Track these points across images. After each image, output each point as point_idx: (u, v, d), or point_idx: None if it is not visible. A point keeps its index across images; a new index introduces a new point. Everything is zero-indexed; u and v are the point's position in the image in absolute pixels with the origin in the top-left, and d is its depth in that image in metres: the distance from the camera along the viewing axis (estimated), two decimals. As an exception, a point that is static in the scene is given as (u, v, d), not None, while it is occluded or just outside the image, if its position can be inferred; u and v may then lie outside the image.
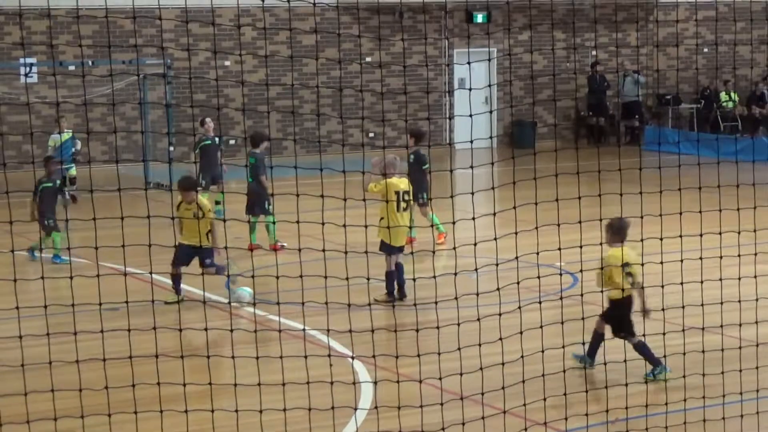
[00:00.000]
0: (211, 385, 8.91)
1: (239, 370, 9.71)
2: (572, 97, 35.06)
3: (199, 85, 31.59)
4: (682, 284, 10.06)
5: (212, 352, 9.94)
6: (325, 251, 9.26)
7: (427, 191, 18.87)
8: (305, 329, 12.59)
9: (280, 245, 18.59)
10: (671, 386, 9.67)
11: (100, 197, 8.79)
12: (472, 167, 9.30)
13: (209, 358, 9.36)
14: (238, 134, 31.20)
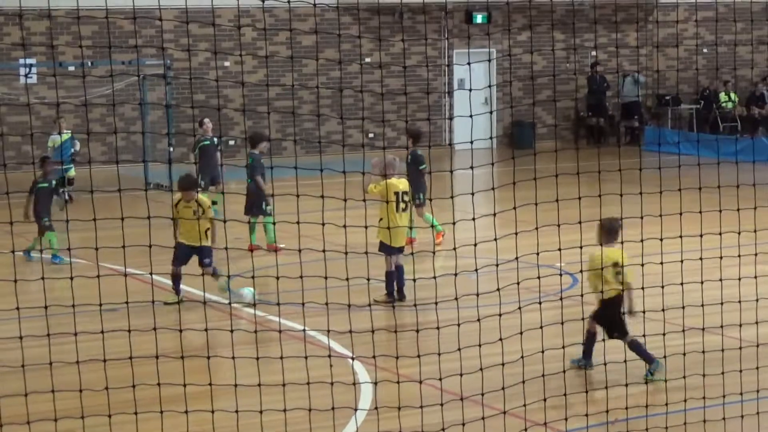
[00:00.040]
0: (211, 385, 8.91)
1: (239, 370, 9.70)
2: (572, 97, 35.06)
3: (198, 85, 31.59)
4: (682, 285, 10.06)
5: (212, 352, 9.94)
6: (325, 252, 9.26)
7: (424, 192, 18.87)
8: (305, 330, 12.58)
9: (278, 246, 18.59)
10: (671, 387, 9.66)
11: (99, 198, 8.78)
12: (472, 168, 9.29)
13: (209, 358, 9.36)
14: (237, 135, 31.20)
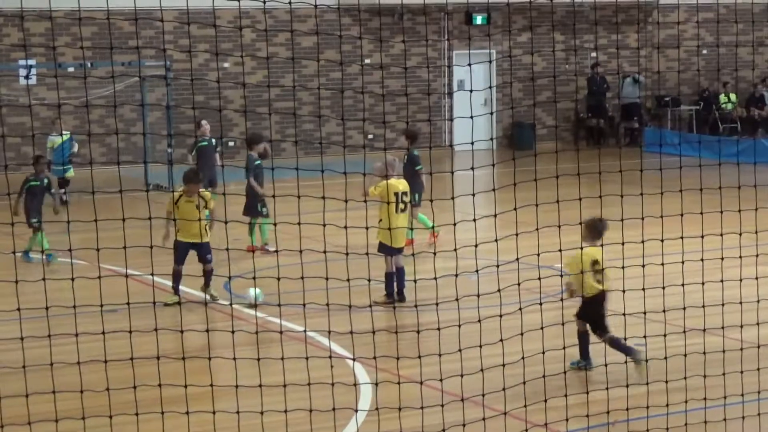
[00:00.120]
0: (212, 386, 8.91)
1: (240, 371, 9.69)
2: (572, 98, 35.04)
3: (198, 86, 31.57)
4: (683, 286, 10.06)
5: (213, 353, 9.94)
6: (326, 253, 9.26)
7: (420, 192, 18.84)
8: (306, 331, 12.58)
9: (264, 248, 18.61)
10: (672, 388, 9.66)
11: (98, 199, 8.78)
12: (473, 168, 9.27)
13: (210, 359, 9.35)
14: (237, 136, 31.19)
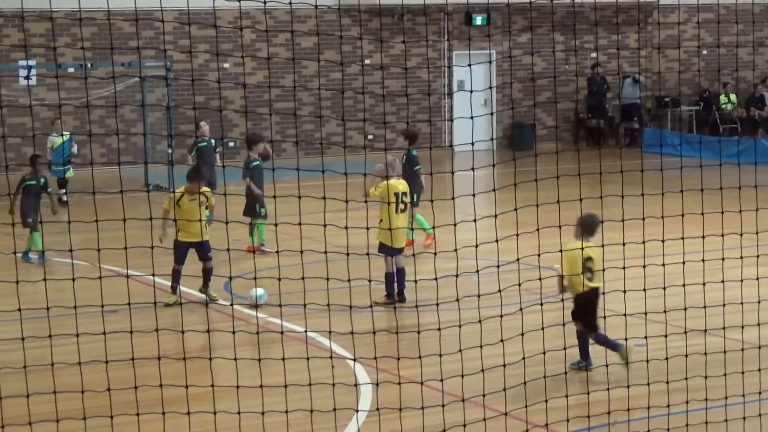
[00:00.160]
0: (213, 387, 8.91)
1: (241, 372, 9.69)
2: (572, 99, 35.02)
3: (198, 87, 31.56)
4: (684, 286, 10.06)
5: (214, 354, 9.94)
6: (326, 253, 9.26)
7: (418, 193, 18.81)
8: (306, 331, 12.58)
9: (260, 249, 18.61)
10: (673, 388, 9.66)
11: (99, 199, 8.78)
12: (473, 169, 9.27)
13: (211, 360, 9.35)
14: (237, 136, 31.18)
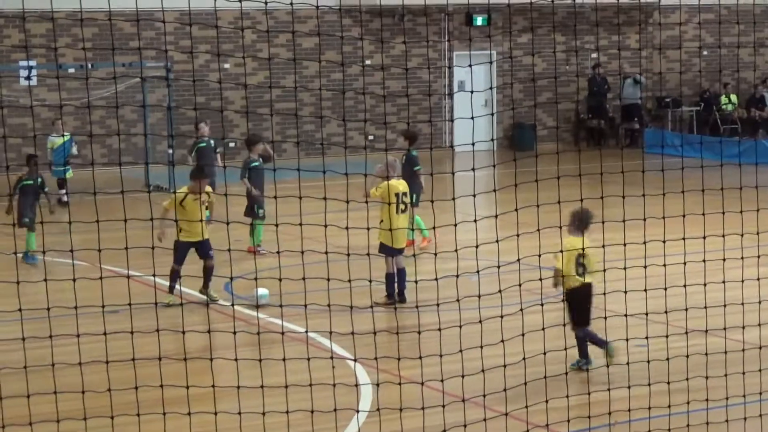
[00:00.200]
0: (214, 387, 8.90)
1: (242, 372, 9.69)
2: (572, 99, 35.01)
3: (198, 87, 31.56)
4: (685, 287, 10.05)
5: (214, 354, 9.93)
6: (327, 253, 9.25)
7: (418, 193, 18.80)
8: (307, 332, 12.58)
9: (257, 250, 18.61)
10: (674, 389, 9.66)
11: (99, 200, 8.78)
12: (473, 169, 9.27)
13: (212, 360, 9.35)
14: (238, 137, 31.19)
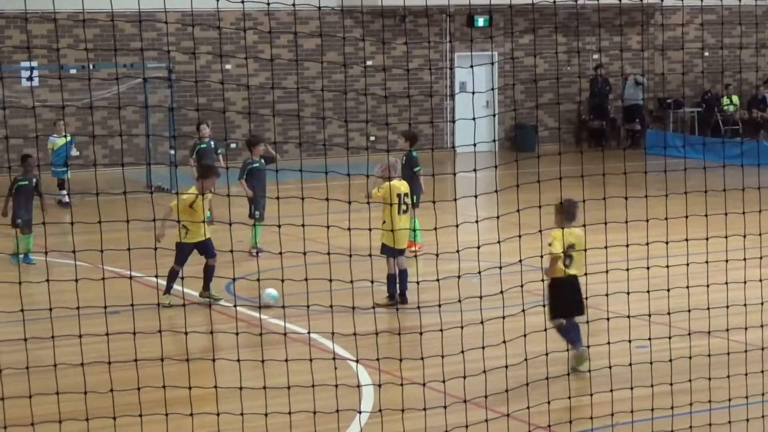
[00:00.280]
0: (216, 388, 8.90)
1: (244, 373, 9.69)
2: (574, 100, 35.02)
3: (200, 88, 31.58)
4: (687, 288, 10.05)
5: (217, 355, 9.94)
6: (329, 254, 9.25)
7: (417, 194, 18.78)
8: (309, 333, 12.58)
9: (252, 251, 18.61)
10: (677, 390, 9.63)
11: (100, 201, 8.78)
12: (475, 170, 9.27)
13: (214, 361, 9.35)
14: (239, 138, 31.20)
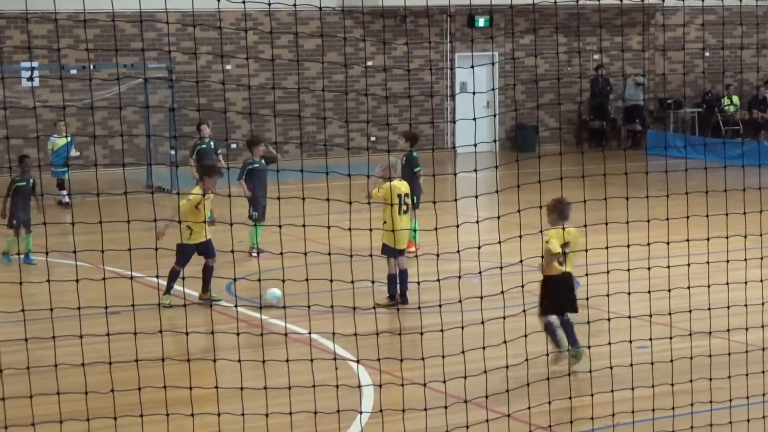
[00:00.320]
0: (217, 388, 8.90)
1: (245, 373, 9.69)
2: (574, 101, 35.02)
3: (200, 88, 31.58)
4: (688, 288, 10.05)
5: (217, 355, 9.93)
6: (330, 255, 9.25)
7: (417, 195, 18.76)
8: (310, 333, 12.59)
9: (251, 251, 18.61)
10: (678, 390, 9.63)
11: (100, 201, 8.77)
12: (475, 170, 9.27)
13: (215, 361, 9.34)
14: (239, 138, 31.20)
